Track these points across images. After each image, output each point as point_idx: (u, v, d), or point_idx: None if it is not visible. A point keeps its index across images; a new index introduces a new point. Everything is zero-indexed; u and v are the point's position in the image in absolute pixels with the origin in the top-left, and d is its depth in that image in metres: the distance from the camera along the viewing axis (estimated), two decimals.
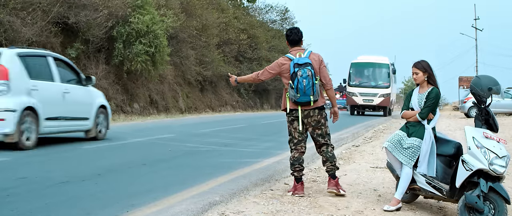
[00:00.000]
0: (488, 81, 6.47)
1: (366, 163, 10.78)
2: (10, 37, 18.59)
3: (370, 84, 36.90)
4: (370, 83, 37.06)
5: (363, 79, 37.44)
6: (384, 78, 37.15)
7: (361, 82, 37.26)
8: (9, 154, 10.33)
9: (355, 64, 38.07)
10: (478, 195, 6.15)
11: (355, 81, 37.36)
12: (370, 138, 16.86)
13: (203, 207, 6.46)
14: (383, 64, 37.82)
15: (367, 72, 37.92)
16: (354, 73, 37.72)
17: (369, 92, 36.53)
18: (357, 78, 37.57)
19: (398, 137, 6.94)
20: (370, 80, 37.36)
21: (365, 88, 36.68)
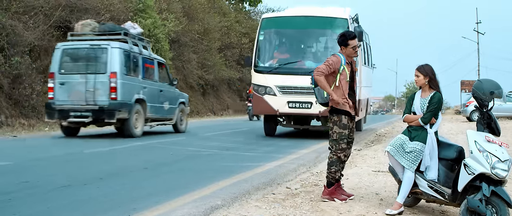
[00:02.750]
0: (490, 85, 6.47)
1: (368, 167, 10.77)
2: (12, 41, 18.62)
3: (304, 68, 16.32)
4: (304, 65, 16.59)
5: (291, 56, 16.91)
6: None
7: (284, 62, 16.73)
8: (11, 157, 10.34)
9: (270, 21, 17.63)
10: (480, 199, 6.14)
11: (270, 61, 16.95)
12: (372, 142, 16.85)
13: (205, 211, 6.45)
14: (335, 22, 16.85)
15: (298, 41, 17.21)
16: (267, 42, 17.20)
17: (302, 86, 16.09)
18: (278, 53, 17.22)
19: (400, 141, 6.93)
20: (306, 57, 16.96)
21: (294, 77, 16.34)
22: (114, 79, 14.76)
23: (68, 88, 15.06)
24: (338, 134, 7.39)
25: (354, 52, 7.48)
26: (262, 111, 16.81)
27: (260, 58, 16.85)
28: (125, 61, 15.22)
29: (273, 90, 16.28)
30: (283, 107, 16.19)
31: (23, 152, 11.57)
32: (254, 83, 16.66)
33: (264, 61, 16.79)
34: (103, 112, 14.82)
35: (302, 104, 16.06)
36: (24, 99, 18.88)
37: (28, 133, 16.60)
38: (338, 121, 7.40)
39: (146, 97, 16.10)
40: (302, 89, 15.91)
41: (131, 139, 14.83)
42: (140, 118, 15.82)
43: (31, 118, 18.89)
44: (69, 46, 15.45)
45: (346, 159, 7.64)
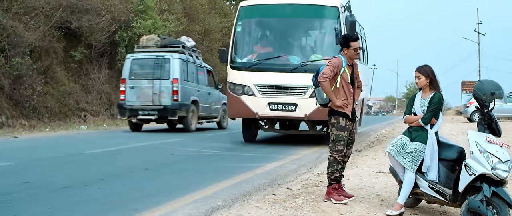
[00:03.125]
0: (491, 86, 6.47)
1: (369, 168, 10.76)
2: (13, 42, 18.63)
3: (288, 64, 14.10)
4: (288, 60, 14.25)
5: (273, 49, 14.56)
6: (332, 38, 14.17)
7: (264, 57, 14.25)
8: (12, 158, 10.34)
9: (249, 9, 14.98)
10: (481, 200, 6.14)
11: (248, 56, 14.58)
12: (373, 143, 16.84)
13: (206, 212, 6.45)
14: (324, 11, 14.58)
15: (281, 32, 14.84)
16: (246, 33, 14.84)
17: (286, 85, 13.94)
18: (258, 47, 14.75)
19: (401, 142, 6.93)
20: (291, 51, 14.45)
21: (276, 75, 14.05)
22: (176, 84, 18.20)
23: (137, 91, 18.41)
24: (335, 135, 7.40)
25: (356, 54, 7.48)
26: (238, 113, 14.40)
27: (237, 52, 14.34)
28: (184, 69, 18.65)
29: (251, 89, 13.93)
30: (263, 110, 13.90)
31: (24, 153, 11.57)
32: (230, 81, 14.27)
33: (241, 56, 14.32)
34: (166, 111, 18.26)
35: (285, 106, 13.81)
36: (25, 99, 18.90)
37: (28, 133, 16.60)
38: (336, 123, 7.40)
39: (199, 98, 19.61)
40: (285, 88, 13.74)
41: (132, 139, 14.84)
42: (194, 116, 19.42)
43: (31, 119, 18.90)
44: (137, 56, 18.79)
45: (347, 160, 7.64)
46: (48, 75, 20.85)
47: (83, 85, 23.01)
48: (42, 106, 19.76)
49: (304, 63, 13.67)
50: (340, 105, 7.31)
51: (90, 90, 23.17)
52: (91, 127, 20.11)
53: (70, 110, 21.34)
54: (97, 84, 23.56)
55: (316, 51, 14.16)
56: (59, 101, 20.86)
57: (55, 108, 20.46)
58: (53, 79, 21.16)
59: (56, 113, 20.46)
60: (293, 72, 13.66)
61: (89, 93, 23.11)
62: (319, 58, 13.63)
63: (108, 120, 23.03)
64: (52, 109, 20.30)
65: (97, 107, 23.21)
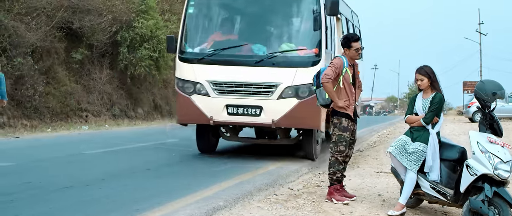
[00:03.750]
0: (492, 86, 6.47)
1: (370, 168, 10.76)
2: (14, 42, 18.63)
3: (251, 55, 10.95)
4: (251, 50, 11.05)
5: (233, 37, 11.48)
6: (308, 22, 10.99)
7: (221, 46, 11.09)
8: (13, 158, 10.35)
9: None
10: (482, 200, 6.14)
11: (202, 45, 11.40)
12: (374, 143, 16.83)
13: (207, 212, 6.45)
14: None
15: (243, 16, 11.69)
16: (199, 16, 11.66)
17: (248, 82, 10.72)
18: (214, 34, 11.54)
19: (403, 142, 6.93)
20: (255, 39, 11.19)
21: (236, 69, 10.88)
22: None
23: None
24: (337, 136, 7.40)
25: (357, 55, 7.48)
26: (188, 118, 11.16)
27: (189, 40, 11.28)
28: None
29: (205, 87, 10.77)
30: (220, 114, 10.73)
31: (26, 153, 11.58)
32: (179, 77, 11.12)
33: (193, 45, 11.27)
34: None
35: (247, 110, 10.69)
36: (27, 100, 18.89)
37: (30, 134, 16.61)
38: (338, 123, 7.40)
39: None
40: (247, 86, 10.60)
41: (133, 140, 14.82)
42: None
43: (33, 119, 18.90)
44: None
45: (348, 160, 7.64)
46: (50, 75, 20.84)
47: (84, 85, 23.00)
48: (44, 106, 19.75)
49: (272, 54, 10.64)
50: (343, 106, 7.31)
51: (91, 91, 23.16)
52: (92, 128, 20.12)
53: (72, 110, 21.34)
54: (98, 84, 23.55)
55: (288, 40, 11.04)
56: (61, 102, 20.86)
57: (57, 108, 20.45)
58: (55, 79, 21.16)
59: (57, 114, 20.45)
60: (257, 65, 10.58)
61: (91, 93, 23.10)
62: (291, 48, 10.73)
63: (110, 120, 23.03)
64: (54, 109, 20.29)
65: (98, 107, 23.19)
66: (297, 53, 10.76)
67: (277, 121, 10.61)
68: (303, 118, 10.53)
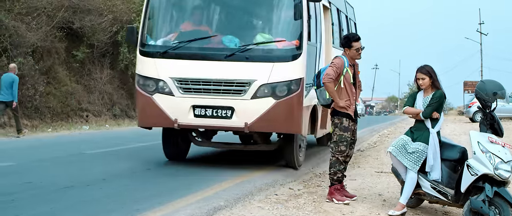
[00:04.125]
0: (493, 86, 6.47)
1: (371, 168, 10.77)
2: (15, 42, 18.65)
3: (221, 48, 9.51)
4: (221, 43, 9.59)
5: (200, 28, 9.95)
6: (287, 10, 9.54)
7: (187, 37, 9.67)
8: (14, 158, 10.35)
9: None
10: (483, 200, 6.14)
11: (166, 37, 9.92)
12: (375, 143, 16.84)
13: (208, 212, 6.46)
14: None
15: (213, 4, 10.14)
16: (163, 4, 10.19)
17: (218, 80, 9.33)
18: (180, 24, 10.11)
19: (403, 142, 6.93)
20: (226, 30, 9.80)
21: (204, 64, 9.46)
22: None
23: None
24: (338, 136, 7.39)
25: (358, 54, 7.47)
26: (150, 121, 9.78)
27: (151, 31, 9.95)
28: None
29: (168, 86, 9.42)
30: (185, 116, 9.38)
31: (26, 153, 11.59)
32: (139, 73, 9.75)
33: (156, 36, 9.90)
34: None
35: (216, 111, 9.35)
36: (27, 100, 18.90)
37: (31, 134, 16.61)
38: (340, 123, 7.40)
39: None
40: (217, 84, 9.27)
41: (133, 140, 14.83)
42: None
43: (34, 119, 18.92)
44: None
45: (348, 160, 7.64)
46: (50, 75, 20.85)
47: (85, 85, 23.01)
48: (44, 106, 19.76)
49: (245, 47, 9.28)
50: (344, 105, 7.31)
51: (92, 90, 23.17)
52: (93, 127, 20.13)
53: (72, 110, 21.35)
54: (99, 84, 23.55)
55: (264, 30, 9.68)
56: (61, 102, 20.87)
57: (57, 108, 20.46)
58: (55, 79, 21.17)
59: (58, 113, 20.46)
60: (228, 60, 9.25)
61: (91, 93, 23.10)
62: (267, 39, 9.38)
63: (110, 120, 23.04)
64: (54, 109, 20.30)
65: (99, 107, 23.20)
66: (274, 46, 9.37)
67: (250, 124, 9.17)
68: (281, 121, 9.17)
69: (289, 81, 9.03)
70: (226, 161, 10.99)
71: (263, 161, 10.93)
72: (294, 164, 10.03)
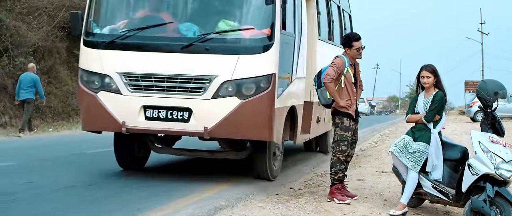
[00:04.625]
0: (494, 85, 6.47)
1: (372, 168, 10.77)
2: (16, 42, 18.66)
3: (177, 38, 8.09)
4: (177, 31, 8.15)
5: (154, 14, 8.43)
6: (259, 6, 8.08)
7: (138, 25, 8.24)
8: (15, 158, 10.36)
9: None
10: (484, 200, 6.14)
11: (114, 24, 8.44)
12: (376, 143, 16.84)
13: (209, 212, 6.45)
14: None
15: None
16: None
17: (173, 75, 7.91)
18: (131, 11, 8.66)
19: (404, 142, 6.93)
20: (183, 17, 8.30)
21: (157, 56, 8.05)
22: None
23: None
24: (339, 136, 7.39)
25: (358, 54, 7.46)
26: (95, 124, 8.43)
27: (97, 18, 8.51)
28: None
29: (115, 82, 8.05)
30: (135, 118, 8.03)
31: (27, 153, 11.59)
32: (82, 67, 8.42)
33: (103, 24, 8.49)
34: None
35: (171, 113, 7.96)
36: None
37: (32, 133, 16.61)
38: (340, 123, 7.39)
39: None
40: (171, 80, 7.91)
41: None
42: None
43: (35, 119, 18.92)
44: None
45: (349, 160, 7.64)
46: (51, 75, 20.85)
47: None
48: (45, 106, 19.75)
49: (205, 36, 7.89)
50: (344, 105, 7.30)
51: None
52: None
53: (74, 110, 21.34)
54: None
55: (228, 16, 8.19)
56: (62, 101, 20.87)
57: (59, 108, 20.47)
58: (56, 79, 21.17)
59: (59, 113, 20.46)
60: (185, 51, 7.88)
61: None
62: (232, 27, 7.97)
63: None
64: (55, 109, 20.30)
65: None
66: (240, 35, 7.95)
67: (211, 129, 7.77)
68: (247, 125, 7.76)
69: (257, 77, 7.69)
70: (226, 161, 10.99)
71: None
72: (267, 176, 8.58)
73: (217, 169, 9.87)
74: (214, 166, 10.19)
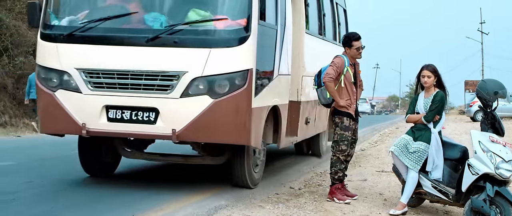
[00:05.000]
0: (494, 85, 6.47)
1: (372, 167, 10.76)
2: (16, 41, 18.67)
3: (142, 29, 7.26)
4: (143, 22, 7.31)
5: (117, 4, 7.58)
6: None
7: (99, 15, 7.39)
8: (15, 157, 10.36)
9: None
10: (484, 199, 6.14)
11: (73, 15, 7.59)
12: (376, 142, 16.83)
13: (209, 211, 6.45)
14: None
15: None
16: None
17: (137, 71, 7.09)
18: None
19: (404, 141, 6.93)
20: (150, 7, 7.49)
21: (120, 51, 7.23)
22: None
23: None
24: (339, 135, 7.38)
25: (358, 54, 7.45)
26: (53, 126, 7.61)
27: (56, 9, 7.65)
28: None
29: (74, 79, 7.27)
30: (96, 120, 7.24)
31: (27, 152, 11.59)
32: (40, 63, 7.68)
33: (62, 15, 7.66)
34: None
35: (136, 114, 7.16)
36: None
37: (31, 133, 16.63)
38: (340, 122, 7.39)
39: None
40: (136, 77, 7.10)
41: None
42: None
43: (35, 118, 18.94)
44: None
45: (349, 159, 7.65)
46: None
47: None
48: None
49: (172, 28, 7.08)
50: (344, 105, 7.30)
51: None
52: None
53: None
54: None
55: (199, 5, 7.31)
56: None
57: None
58: None
59: None
60: (151, 45, 7.07)
61: None
62: (202, 17, 7.18)
63: None
64: None
65: None
66: (212, 26, 7.13)
67: (180, 132, 6.98)
68: (221, 127, 6.97)
69: (231, 73, 6.89)
70: None
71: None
72: (246, 183, 7.83)
73: (217, 168, 9.86)
74: (214, 166, 10.18)
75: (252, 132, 7.07)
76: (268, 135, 8.09)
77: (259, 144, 7.50)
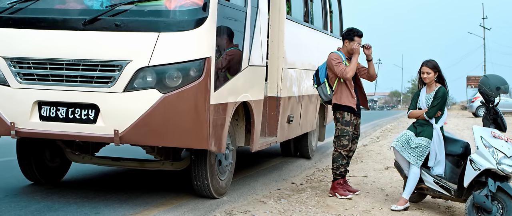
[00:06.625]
0: (496, 80, 6.47)
1: (374, 163, 10.76)
2: None
3: (78, 11, 5.97)
4: (81, 2, 6.03)
5: None
6: None
7: None
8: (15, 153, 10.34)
9: None
10: (486, 195, 6.14)
11: None
12: (378, 138, 16.83)
13: (211, 206, 6.45)
14: None
15: None
16: None
17: (75, 60, 5.87)
18: None
19: (406, 137, 6.93)
20: None
21: (54, 35, 5.93)
22: None
23: None
24: (340, 130, 7.38)
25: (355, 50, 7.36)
26: None
27: None
28: None
29: (1, 70, 6.15)
30: (27, 118, 6.09)
31: None
32: None
33: None
34: None
35: (73, 111, 6.00)
36: None
37: None
38: (341, 117, 7.38)
39: None
40: (72, 67, 5.94)
41: None
42: None
43: None
44: None
45: (352, 155, 7.65)
46: None
47: None
48: None
49: (114, 8, 5.86)
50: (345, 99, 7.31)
51: None
52: None
53: None
54: None
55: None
56: None
57: None
58: None
59: None
60: (89, 28, 5.90)
61: None
62: None
63: None
64: None
65: None
66: (162, 5, 5.86)
67: (124, 133, 5.81)
68: (173, 127, 5.78)
69: (185, 62, 5.70)
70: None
71: (266, 155, 10.93)
72: (209, 193, 6.65)
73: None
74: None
75: (211, 133, 5.85)
76: (238, 137, 7.10)
77: (221, 148, 6.22)
